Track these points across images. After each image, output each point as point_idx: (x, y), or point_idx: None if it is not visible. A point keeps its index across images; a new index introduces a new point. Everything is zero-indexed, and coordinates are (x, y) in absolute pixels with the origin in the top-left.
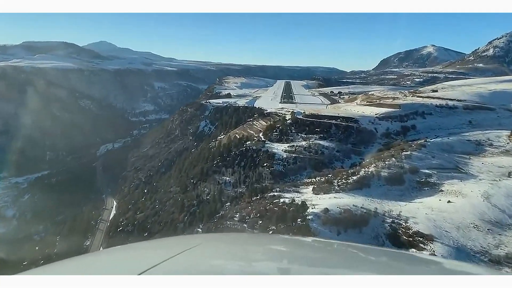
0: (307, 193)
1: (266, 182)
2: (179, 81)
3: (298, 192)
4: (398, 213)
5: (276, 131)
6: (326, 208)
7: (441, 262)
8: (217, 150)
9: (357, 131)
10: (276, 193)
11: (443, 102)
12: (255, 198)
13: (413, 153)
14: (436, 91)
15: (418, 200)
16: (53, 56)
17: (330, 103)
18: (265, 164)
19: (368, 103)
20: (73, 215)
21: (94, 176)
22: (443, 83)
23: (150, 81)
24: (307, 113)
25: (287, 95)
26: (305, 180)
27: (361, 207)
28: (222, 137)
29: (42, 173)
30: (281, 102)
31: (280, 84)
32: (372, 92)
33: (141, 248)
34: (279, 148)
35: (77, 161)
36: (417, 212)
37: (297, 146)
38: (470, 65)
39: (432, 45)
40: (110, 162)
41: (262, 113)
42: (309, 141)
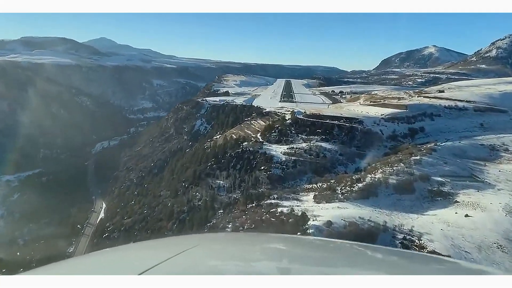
0: (308, 202)
1: (263, 188)
2: (178, 79)
3: (297, 200)
4: (410, 227)
5: (275, 132)
6: (329, 220)
7: (442, 261)
8: (211, 151)
9: (361, 133)
10: (273, 200)
11: (451, 103)
12: (250, 206)
13: (423, 158)
14: (443, 91)
15: (431, 212)
16: (51, 52)
17: (331, 102)
18: (262, 168)
19: (371, 103)
20: (60, 217)
21: (86, 175)
22: (449, 84)
23: (148, 78)
24: (308, 113)
25: (287, 94)
26: (305, 186)
27: (368, 220)
28: (218, 137)
29: (34, 171)
30: (281, 101)
31: (280, 83)
32: (375, 92)
33: (142, 248)
34: (278, 150)
35: (71, 159)
36: (432, 228)
37: (297, 148)
38: (473, 66)
39: (434, 45)
40: (103, 161)
41: (260, 112)
42: (310, 143)
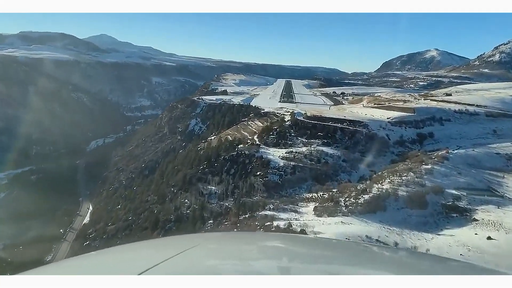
0: (307, 214)
1: (258, 196)
2: (177, 77)
3: (296, 211)
4: (425, 251)
5: (273, 134)
6: None
7: (446, 261)
8: (204, 154)
9: (366, 137)
10: (269, 211)
11: (461, 107)
12: (243, 217)
13: (434, 167)
14: (450, 94)
15: (448, 232)
16: (49, 47)
17: (333, 104)
18: (258, 173)
19: (376, 105)
20: (45, 219)
21: (77, 174)
22: (456, 87)
23: (147, 75)
24: (308, 114)
25: (287, 94)
26: (304, 195)
27: (376, 239)
28: (213, 138)
29: (25, 169)
30: (280, 101)
31: (280, 83)
32: (379, 94)
33: (141, 248)
34: (276, 154)
35: (65, 156)
36: (450, 252)
37: (296, 152)
38: (475, 70)
39: (436, 49)
40: (95, 159)
41: (258, 113)
42: (311, 147)
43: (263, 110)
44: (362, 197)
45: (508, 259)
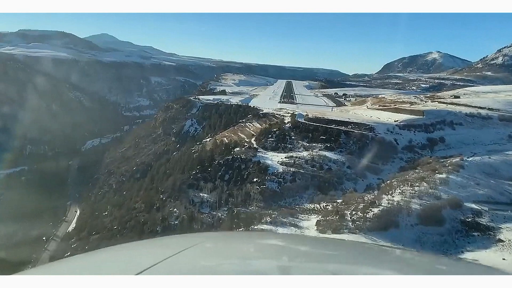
0: (309, 229)
1: (254, 206)
2: (177, 77)
3: (296, 225)
4: None
5: (272, 137)
6: None
7: (444, 261)
8: (198, 158)
9: (372, 141)
10: (266, 225)
11: (473, 111)
12: (237, 231)
13: (450, 176)
14: (459, 97)
15: (470, 255)
16: (48, 45)
17: (335, 105)
18: (255, 180)
19: (381, 107)
20: (29, 225)
21: (68, 176)
22: (464, 89)
23: (146, 75)
24: (310, 116)
25: (288, 95)
26: (306, 206)
27: None
28: (208, 140)
29: (16, 169)
30: (280, 102)
31: (280, 84)
32: (382, 95)
33: (139, 247)
34: (274, 159)
35: (59, 156)
36: None
37: (297, 157)
38: (478, 73)
39: (438, 51)
40: (89, 160)
41: (257, 114)
42: (312, 151)
43: (262, 111)
44: (370, 210)
45: None
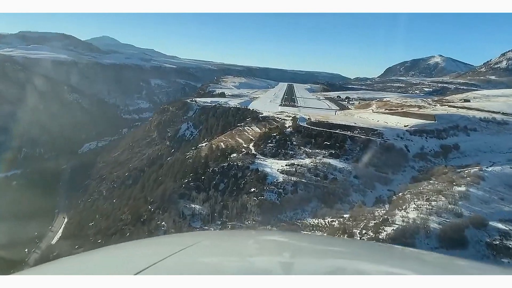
0: None
1: (251, 220)
2: (177, 79)
3: None
4: None
5: (272, 142)
6: None
7: (445, 260)
8: (191, 164)
9: (381, 148)
10: None
11: (487, 115)
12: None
13: (470, 190)
14: (469, 100)
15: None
16: (48, 47)
17: (339, 109)
18: (252, 190)
19: (387, 111)
20: (13, 235)
21: (62, 181)
22: (473, 92)
23: (147, 77)
24: (313, 119)
25: (289, 98)
26: (309, 221)
27: None
28: (204, 145)
29: (8, 174)
30: (281, 105)
31: (282, 86)
32: (387, 99)
33: (138, 247)
34: (274, 167)
35: (55, 160)
36: None
37: (298, 165)
38: (482, 77)
39: (440, 55)
40: (83, 164)
41: (256, 117)
42: (316, 158)
43: (262, 114)
44: (383, 229)
45: None
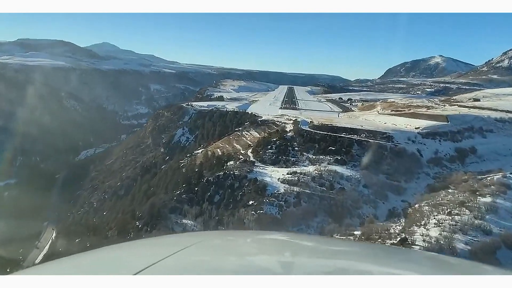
0: None
1: None
2: (176, 84)
3: None
4: None
5: (272, 148)
6: None
7: (445, 260)
8: (185, 174)
9: (391, 153)
10: None
11: (502, 115)
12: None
13: (496, 201)
14: (478, 100)
15: None
16: (46, 54)
17: (342, 111)
18: (250, 203)
19: (394, 112)
20: None
21: (54, 190)
22: (482, 91)
23: (146, 83)
24: (315, 123)
25: (290, 100)
26: None
27: None
28: (200, 151)
29: (2, 184)
30: (281, 108)
31: (282, 89)
32: (392, 100)
33: (137, 247)
34: (274, 176)
35: (50, 168)
36: None
37: (301, 173)
38: (484, 76)
39: (440, 55)
40: (77, 173)
41: (255, 121)
42: (320, 165)
43: (261, 117)
44: None
45: None
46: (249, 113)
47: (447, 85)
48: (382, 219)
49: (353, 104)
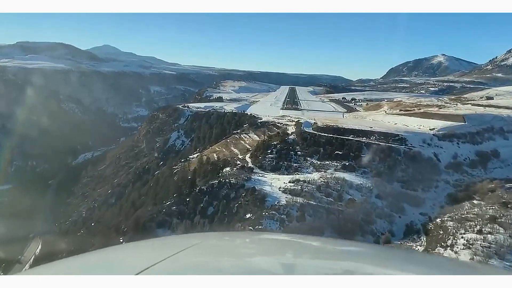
0: None
1: None
2: (177, 85)
3: None
4: None
5: (272, 152)
6: None
7: (445, 261)
8: (176, 182)
9: (406, 158)
10: None
11: None
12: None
13: None
14: (492, 98)
15: None
16: (45, 57)
17: (346, 111)
18: (247, 216)
19: (403, 111)
20: None
21: (46, 197)
22: (495, 89)
23: (146, 84)
24: (319, 124)
25: (291, 101)
26: None
27: None
28: (195, 156)
29: None
30: (283, 109)
31: (283, 89)
32: (399, 99)
33: (139, 247)
34: (275, 185)
35: (46, 172)
36: None
37: (305, 181)
38: (488, 75)
39: (443, 54)
40: (71, 178)
41: (255, 123)
42: (326, 172)
43: (261, 119)
44: None
45: None
46: (249, 114)
47: (451, 84)
48: (399, 236)
49: (357, 104)
